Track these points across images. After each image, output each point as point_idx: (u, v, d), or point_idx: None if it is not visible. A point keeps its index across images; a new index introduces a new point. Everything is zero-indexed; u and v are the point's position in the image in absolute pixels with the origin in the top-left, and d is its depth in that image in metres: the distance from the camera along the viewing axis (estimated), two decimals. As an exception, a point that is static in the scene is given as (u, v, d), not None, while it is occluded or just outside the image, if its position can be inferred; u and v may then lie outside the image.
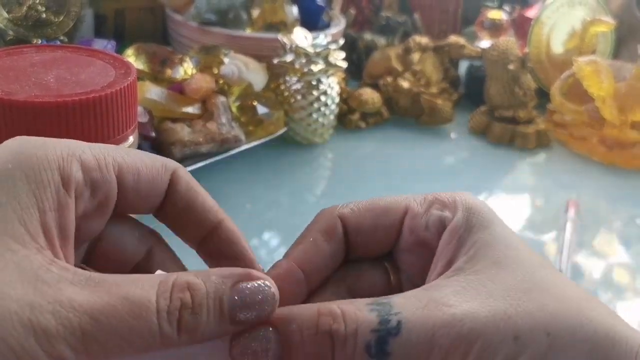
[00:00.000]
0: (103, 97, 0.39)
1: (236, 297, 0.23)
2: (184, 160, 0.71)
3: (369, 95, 0.89)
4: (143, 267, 0.28)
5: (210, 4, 0.86)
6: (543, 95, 0.95)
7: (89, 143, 0.24)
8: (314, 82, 0.79)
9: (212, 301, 0.22)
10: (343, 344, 0.23)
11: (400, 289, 0.29)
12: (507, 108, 0.90)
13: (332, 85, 0.81)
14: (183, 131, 0.68)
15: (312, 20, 0.91)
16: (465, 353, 0.23)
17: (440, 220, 0.27)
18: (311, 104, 0.79)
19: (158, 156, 0.26)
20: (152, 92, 0.69)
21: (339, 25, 0.95)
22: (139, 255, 0.28)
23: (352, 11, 1.05)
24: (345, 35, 0.98)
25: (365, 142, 0.87)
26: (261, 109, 0.75)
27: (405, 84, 0.92)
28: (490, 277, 0.24)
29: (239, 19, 0.87)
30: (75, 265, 0.23)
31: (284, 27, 0.87)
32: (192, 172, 0.73)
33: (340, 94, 0.84)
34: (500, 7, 1.13)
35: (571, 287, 0.25)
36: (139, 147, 0.68)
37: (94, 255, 0.27)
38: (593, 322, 0.23)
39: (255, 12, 0.88)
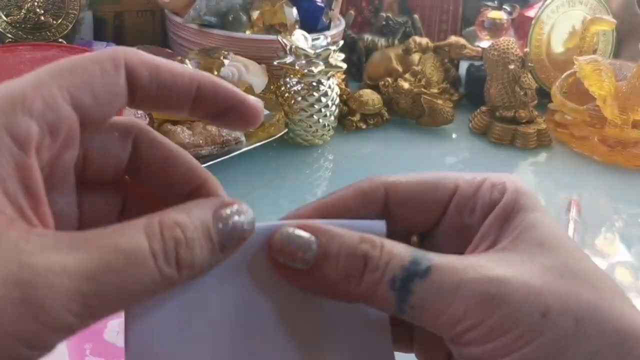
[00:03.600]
0: None
1: (220, 225, 0.23)
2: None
3: (369, 96, 0.89)
4: (133, 167, 0.26)
5: (210, 6, 0.86)
6: (544, 94, 0.95)
7: (35, 85, 0.22)
8: (314, 84, 0.79)
9: (201, 233, 0.22)
10: (373, 269, 0.24)
11: None
12: (507, 108, 0.90)
13: (332, 87, 0.81)
14: (183, 133, 0.68)
15: (312, 22, 0.91)
16: (486, 314, 0.23)
17: (489, 202, 0.26)
18: (311, 105, 0.79)
19: (101, 55, 0.23)
20: (152, 94, 0.69)
21: (338, 26, 0.95)
22: (126, 152, 0.26)
23: (352, 12, 1.05)
24: (345, 36, 0.98)
25: (366, 143, 0.87)
26: (261, 111, 0.75)
27: (405, 85, 0.91)
28: (531, 257, 0.24)
29: (239, 21, 0.87)
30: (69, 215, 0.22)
31: (284, 28, 0.87)
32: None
33: (341, 95, 0.84)
34: (500, 7, 1.13)
35: (608, 282, 0.24)
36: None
37: (85, 174, 0.25)
38: (623, 318, 0.23)
39: (255, 14, 0.88)
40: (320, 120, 0.80)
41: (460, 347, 0.24)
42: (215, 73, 0.75)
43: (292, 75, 0.79)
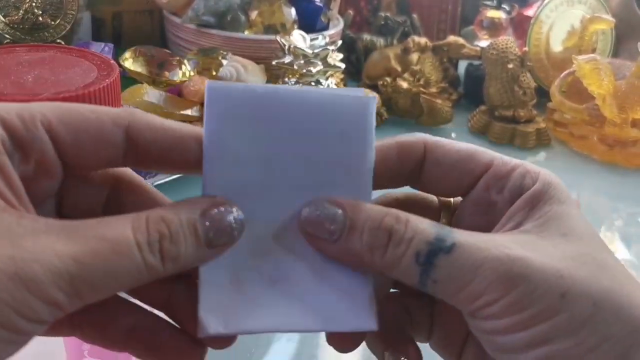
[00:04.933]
0: (74, 97, 0.38)
1: (207, 223, 0.24)
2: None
3: (368, 95, 0.89)
4: (112, 208, 0.27)
5: (208, 6, 0.86)
6: (543, 94, 0.95)
7: (19, 104, 0.23)
8: (312, 84, 0.79)
9: (186, 229, 0.23)
10: (397, 243, 0.24)
11: None
12: (506, 107, 0.90)
13: (330, 87, 0.81)
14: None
15: (311, 22, 0.91)
16: (506, 291, 0.23)
17: (520, 187, 0.27)
18: (310, 105, 0.79)
19: (109, 111, 0.25)
20: (150, 94, 0.69)
21: (337, 26, 0.95)
22: (101, 198, 0.27)
23: (351, 12, 1.05)
24: (343, 36, 0.98)
25: (365, 143, 0.87)
26: (260, 111, 0.75)
27: (404, 84, 0.91)
28: (554, 244, 0.24)
29: (237, 21, 0.87)
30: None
31: (282, 28, 0.87)
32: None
33: (339, 95, 0.84)
34: (499, 6, 1.13)
35: (627, 273, 0.25)
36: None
37: (63, 211, 0.26)
38: None
39: (253, 14, 0.88)
40: (319, 120, 0.80)
41: (478, 320, 0.24)
42: (214, 73, 0.75)
43: (290, 76, 0.79)
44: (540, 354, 0.23)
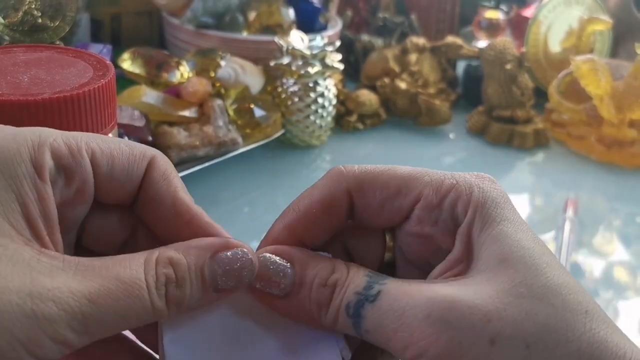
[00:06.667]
0: (68, 97, 0.38)
1: (216, 267, 0.24)
2: (181, 164, 0.70)
3: (367, 96, 0.89)
4: (130, 245, 0.27)
5: (207, 7, 0.86)
6: (541, 94, 0.95)
7: (63, 131, 0.24)
8: (311, 84, 0.79)
9: (193, 273, 0.24)
10: (337, 297, 0.25)
11: (393, 263, 0.29)
12: (505, 108, 0.90)
13: (329, 87, 0.81)
14: (180, 135, 0.68)
15: (309, 22, 0.91)
16: (432, 341, 0.22)
17: (452, 218, 0.26)
18: (308, 106, 0.79)
19: (138, 144, 0.26)
20: (149, 95, 0.69)
21: (335, 26, 0.95)
22: (123, 236, 0.27)
23: (349, 12, 1.05)
24: (342, 36, 0.98)
25: (363, 144, 0.87)
26: (258, 112, 0.75)
27: (402, 85, 0.91)
28: (488, 277, 0.23)
29: (235, 22, 0.87)
30: (66, 252, 0.24)
31: (281, 29, 0.87)
32: (189, 175, 0.72)
33: (338, 96, 0.84)
34: (497, 6, 1.13)
35: (572, 298, 0.23)
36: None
37: (82, 241, 0.27)
38: (581, 339, 0.22)
39: (252, 15, 0.88)
40: (317, 121, 0.80)
41: None
42: (212, 74, 0.75)
43: (288, 76, 0.79)
44: None
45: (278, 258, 0.26)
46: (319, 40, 0.82)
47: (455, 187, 0.26)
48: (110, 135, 0.44)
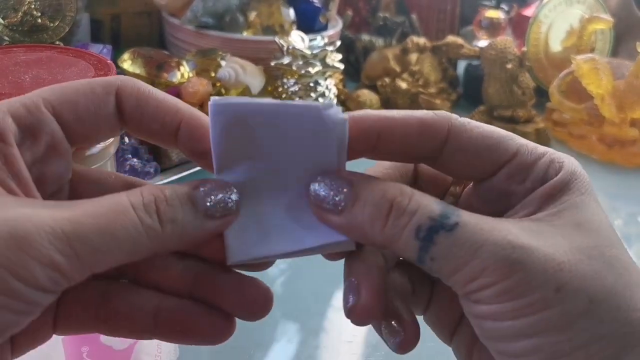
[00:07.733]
0: None
1: (202, 191, 0.25)
2: (181, 164, 0.70)
3: (367, 96, 0.89)
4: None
5: (207, 8, 0.86)
6: (542, 94, 0.95)
7: (22, 95, 0.25)
8: (311, 84, 0.79)
9: (181, 196, 0.24)
10: (399, 215, 0.24)
11: None
12: (505, 107, 0.90)
13: (329, 87, 0.81)
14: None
15: (309, 22, 0.91)
16: (501, 276, 0.23)
17: (542, 178, 0.26)
18: (309, 106, 0.79)
19: (98, 79, 0.26)
20: (149, 96, 0.69)
21: (336, 26, 0.95)
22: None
23: (349, 12, 1.05)
24: (342, 36, 0.98)
25: (364, 144, 0.87)
26: (259, 112, 0.75)
27: (403, 85, 0.91)
28: (564, 234, 0.24)
29: (236, 22, 0.87)
30: None
31: (281, 29, 0.87)
32: (189, 175, 0.72)
33: (338, 96, 0.84)
34: (497, 6, 1.13)
35: (636, 274, 0.24)
36: (136, 151, 0.68)
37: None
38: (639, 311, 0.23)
39: (252, 15, 0.88)
40: (318, 121, 0.80)
41: (471, 303, 0.24)
42: (212, 74, 0.75)
43: (289, 76, 0.79)
44: (527, 345, 0.23)
45: (336, 176, 0.26)
46: (320, 40, 0.82)
47: (549, 153, 0.27)
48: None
